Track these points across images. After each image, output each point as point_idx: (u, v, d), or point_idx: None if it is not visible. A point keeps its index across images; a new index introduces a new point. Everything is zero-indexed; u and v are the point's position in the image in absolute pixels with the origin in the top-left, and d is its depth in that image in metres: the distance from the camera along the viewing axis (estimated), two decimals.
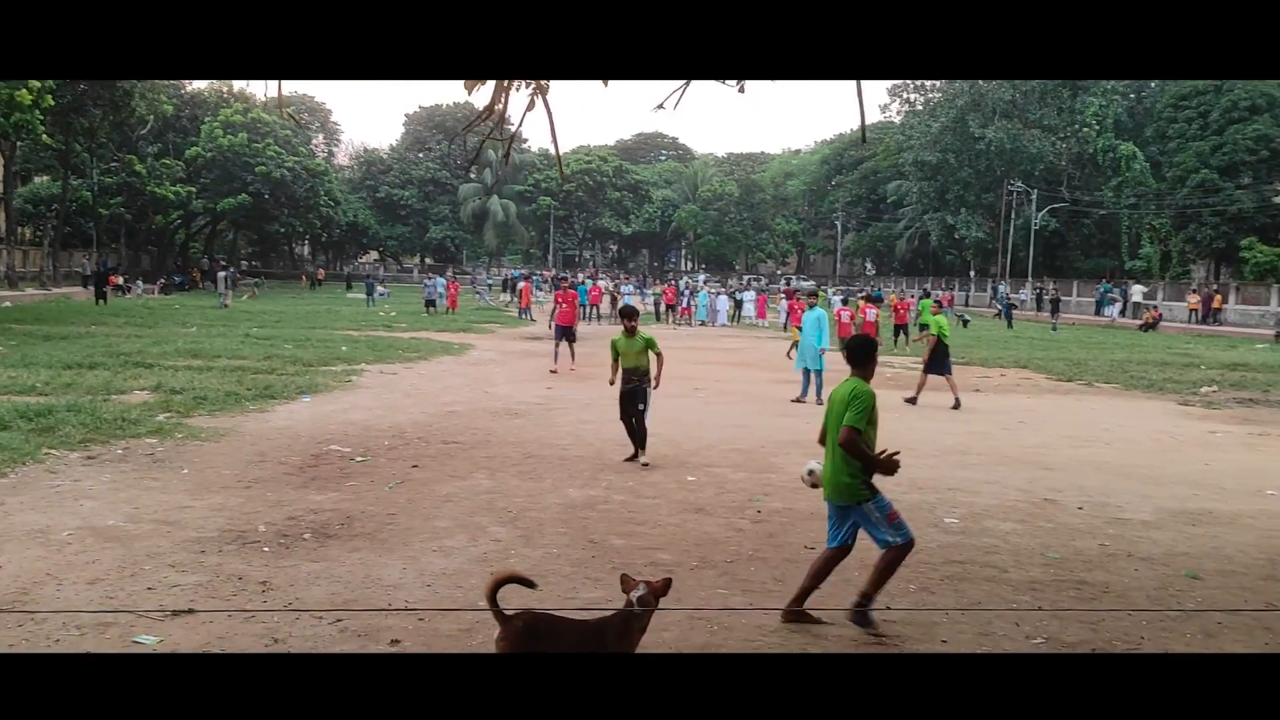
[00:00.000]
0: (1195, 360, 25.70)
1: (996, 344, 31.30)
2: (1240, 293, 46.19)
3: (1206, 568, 7.36)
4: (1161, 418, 15.71)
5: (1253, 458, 12.19)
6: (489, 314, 41.07)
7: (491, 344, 26.78)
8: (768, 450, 11.75)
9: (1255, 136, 46.80)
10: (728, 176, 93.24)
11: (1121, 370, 22.68)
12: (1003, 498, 9.51)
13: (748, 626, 5.82)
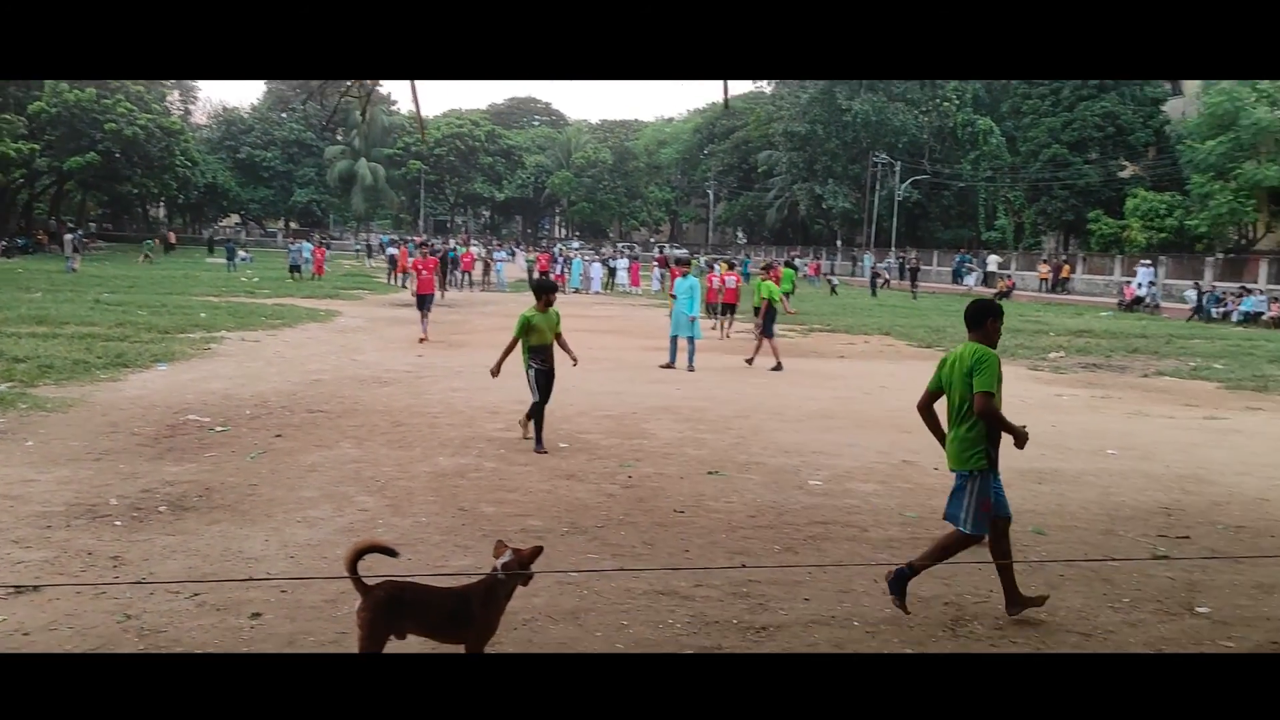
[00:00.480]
0: (1045, 327, 26.97)
1: (861, 312, 32.22)
2: (1087, 263, 48.59)
3: (1051, 523, 7.77)
4: (1013, 382, 16.34)
5: (1095, 419, 12.89)
6: (358, 280, 40.09)
7: (360, 311, 26.18)
8: (639, 416, 11.85)
9: (1102, 114, 49.11)
10: (601, 143, 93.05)
11: None
12: (864, 460, 9.83)
13: (616, 590, 5.88)
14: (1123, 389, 15.90)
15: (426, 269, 20.39)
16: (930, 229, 65.87)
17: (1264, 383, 16.72)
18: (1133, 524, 7.82)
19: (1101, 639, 5.44)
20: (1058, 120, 50.51)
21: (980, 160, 58.53)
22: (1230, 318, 33.16)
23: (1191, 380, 17.26)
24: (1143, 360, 20.02)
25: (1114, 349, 21.91)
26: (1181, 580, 6.45)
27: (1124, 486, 9.03)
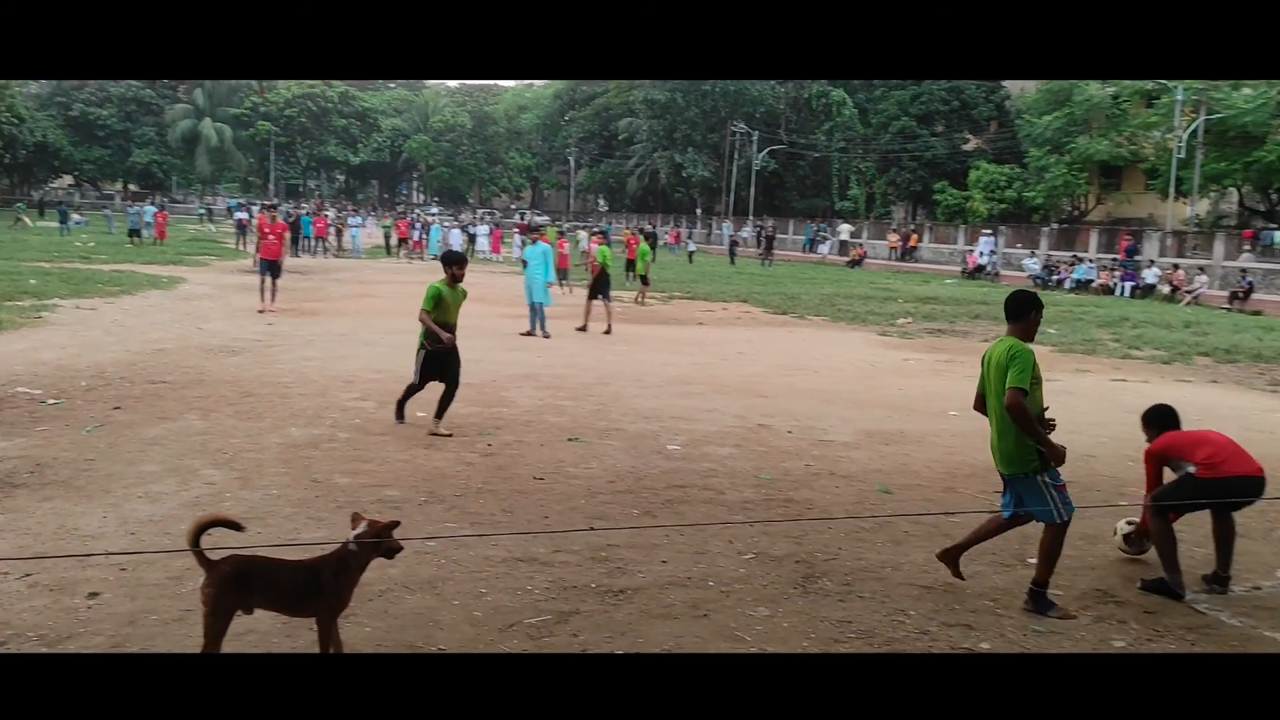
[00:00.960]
0: (894, 294, 27.97)
1: (720, 279, 32.71)
2: (933, 232, 50.52)
3: (897, 482, 8.09)
4: (863, 347, 17.02)
5: (939, 382, 13.46)
6: (203, 245, 38.39)
7: (206, 278, 25.10)
8: (499, 384, 11.77)
9: (948, 88, 50.96)
10: (460, 107, 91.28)
11: (830, 304, 24.34)
12: (721, 424, 10.02)
13: (475, 559, 5.86)
14: (965, 353, 16.62)
15: (274, 233, 19.36)
16: (786, 198, 67.27)
17: (1093, 346, 17.76)
18: (972, 481, 8.22)
19: (942, 591, 5.71)
20: (906, 94, 52.17)
21: (834, 131, 60.00)
22: (1064, 285, 35.03)
23: None
24: (984, 325, 20.95)
25: (958, 315, 22.88)
26: (1015, 534, 6.79)
27: (965, 446, 9.46)
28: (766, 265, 42.46)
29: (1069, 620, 5.35)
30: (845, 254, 49.27)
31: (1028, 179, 46.21)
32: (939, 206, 51.21)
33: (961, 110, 51.53)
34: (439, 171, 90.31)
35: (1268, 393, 13.60)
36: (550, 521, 6.67)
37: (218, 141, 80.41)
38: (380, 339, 15.22)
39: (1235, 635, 5.31)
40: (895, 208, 59.58)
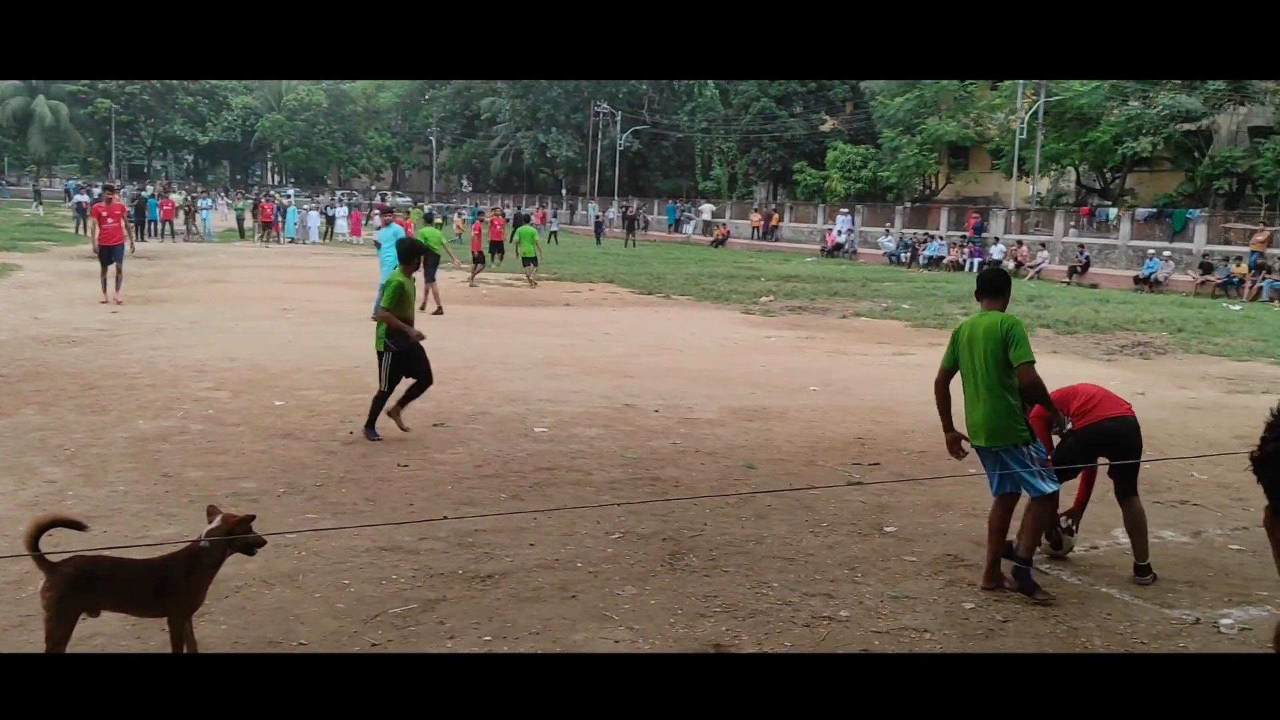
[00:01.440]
0: (756, 273, 28.49)
1: (586, 260, 32.73)
2: (793, 211, 51.64)
3: (760, 458, 8.27)
4: (727, 325, 17.30)
5: (800, 358, 13.79)
6: (39, 230, 36.23)
7: (43, 264, 23.72)
8: (361, 370, 11.46)
9: None
10: (315, 85, 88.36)
11: (694, 283, 24.65)
12: (588, 405, 10.04)
13: (338, 549, 5.72)
14: (824, 329, 17.09)
15: (112, 216, 17.84)
16: (651, 178, 67.65)
17: (944, 320, 18.47)
18: (831, 454, 8.46)
19: (803, 562, 5.87)
20: None
21: (696, 112, 60.57)
22: (917, 261, 36.32)
23: (883, 320, 18.81)
24: (842, 302, 21.57)
25: (817, 292, 23.47)
26: (872, 503, 7.07)
27: (824, 420, 9.73)
28: (631, 245, 42.67)
29: (1043, 604, 5.33)
30: (709, 234, 49.89)
31: (882, 159, 47.64)
32: (799, 186, 52.33)
33: (818, 92, 52.69)
34: (294, 152, 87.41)
35: (1104, 361, 14.40)
36: (415, 509, 6.57)
37: (53, 120, 75.93)
38: (235, 326, 14.69)
39: (1075, 593, 5.62)
40: (757, 187, 60.60)
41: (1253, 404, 11.24)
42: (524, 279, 23.79)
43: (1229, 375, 13.36)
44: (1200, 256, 29.68)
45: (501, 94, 70.69)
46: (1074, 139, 38.87)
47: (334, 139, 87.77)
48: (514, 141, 71.60)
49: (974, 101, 44.38)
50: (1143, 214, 35.13)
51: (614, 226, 52.71)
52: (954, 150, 48.33)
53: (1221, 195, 37.06)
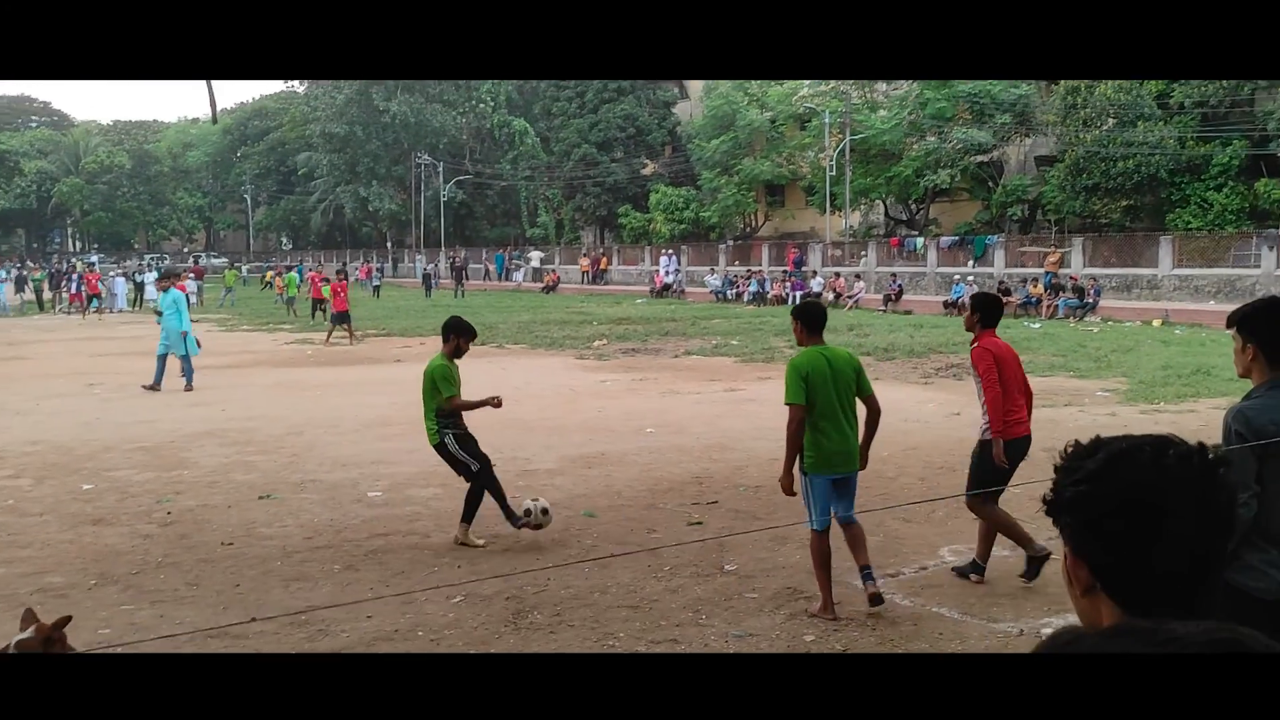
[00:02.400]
0: (588, 317, 28.66)
1: (416, 314, 32.17)
2: (621, 254, 52.30)
3: (601, 505, 8.26)
4: (562, 372, 17.30)
5: (635, 401, 13.91)
6: None
7: None
8: (178, 445, 10.93)
9: (623, 116, 53.02)
10: (117, 147, 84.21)
11: (528, 331, 24.58)
12: (423, 465, 9.77)
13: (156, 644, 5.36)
14: (658, 370, 17.30)
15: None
16: (477, 227, 67.32)
17: (771, 354, 19.01)
18: (671, 495, 8.53)
19: (648, 609, 5.87)
20: (585, 122, 53.75)
21: (519, 160, 60.77)
22: (743, 298, 37.31)
23: (714, 357, 19.19)
24: (673, 342, 21.91)
25: (649, 333, 23.78)
26: (713, 543, 7.14)
27: (662, 461, 9.82)
28: (461, 296, 42.27)
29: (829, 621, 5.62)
30: (539, 280, 49.97)
31: (703, 200, 48.91)
32: (624, 229, 53.09)
33: (638, 137, 53.73)
34: (96, 216, 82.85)
35: (921, 385, 15.10)
36: (242, 589, 6.25)
37: None
38: (35, 406, 13.75)
39: (908, 615, 5.82)
40: (584, 232, 61.13)
41: (1057, 417, 11.99)
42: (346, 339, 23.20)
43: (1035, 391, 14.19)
44: (1000, 280, 31.61)
45: (318, 149, 69.05)
46: (880, 174, 40.89)
47: (139, 201, 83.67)
48: (334, 196, 69.97)
49: (785, 141, 46.17)
50: (946, 242, 37.21)
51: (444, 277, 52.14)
52: (770, 188, 50.10)
53: (1015, 221, 39.66)
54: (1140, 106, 31.39)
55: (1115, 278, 30.46)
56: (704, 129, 48.68)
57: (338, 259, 60.22)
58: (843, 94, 41.30)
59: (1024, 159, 40.76)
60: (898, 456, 9.88)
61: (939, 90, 38.06)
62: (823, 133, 41.41)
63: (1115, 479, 1.27)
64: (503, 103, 62.70)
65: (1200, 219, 31.53)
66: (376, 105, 62.69)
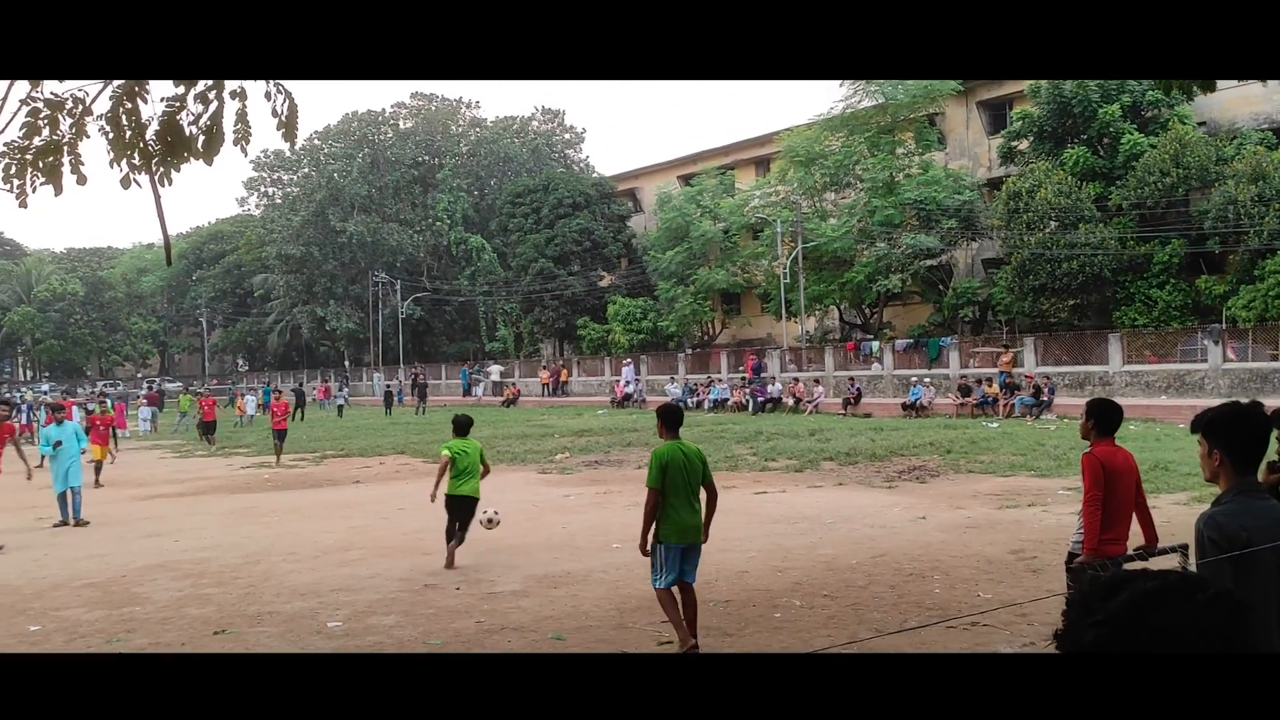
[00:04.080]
0: (550, 430, 28.52)
1: (375, 432, 31.88)
2: (581, 365, 52.46)
3: (569, 626, 8.07)
4: (525, 487, 17.12)
5: (601, 515, 13.76)
6: None
7: None
8: (130, 579, 10.59)
9: (579, 230, 53.83)
10: (69, 274, 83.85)
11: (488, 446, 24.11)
12: (385, 591, 9.58)
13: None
14: (621, 482, 17.17)
15: None
16: (436, 343, 67.39)
17: (734, 462, 18.98)
18: (640, 614, 8.36)
19: None
20: (541, 236, 54.50)
21: (476, 275, 61.28)
22: (703, 405, 37.43)
23: None
24: (637, 452, 21.80)
25: (611, 444, 23.68)
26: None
27: (630, 578, 9.65)
28: (422, 413, 42.02)
29: None
30: (500, 394, 49.86)
31: (660, 309, 49.43)
32: (584, 341, 53.36)
33: (594, 250, 54.48)
34: (48, 345, 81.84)
35: (886, 489, 15.11)
36: None
37: None
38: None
39: None
40: (543, 345, 61.36)
41: (1022, 518, 12.03)
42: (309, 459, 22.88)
43: (997, 491, 14.27)
44: (957, 380, 32.03)
45: (274, 270, 69.25)
46: (833, 280, 41.65)
47: (93, 328, 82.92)
48: (291, 317, 69.91)
49: (739, 251, 47.03)
50: (901, 344, 37.78)
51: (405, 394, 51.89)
52: (726, 297, 50.79)
53: (967, 322, 40.42)
54: (1080, 209, 32.41)
55: (1068, 375, 31.00)
56: (659, 241, 49.52)
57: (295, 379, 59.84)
58: (793, 204, 42.29)
59: (972, 262, 41.77)
60: (866, 564, 9.81)
61: (886, 198, 39.12)
62: (775, 241, 42.24)
63: (1141, 624, 1.19)
64: (459, 220, 63.53)
65: (1146, 316, 32.32)
66: (333, 226, 63.29)
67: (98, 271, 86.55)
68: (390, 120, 67.69)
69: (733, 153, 53.26)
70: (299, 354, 77.05)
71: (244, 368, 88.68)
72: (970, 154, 42.73)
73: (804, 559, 10.23)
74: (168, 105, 3.79)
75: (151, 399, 43.17)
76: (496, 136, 67.49)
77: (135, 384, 72.89)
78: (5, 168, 3.90)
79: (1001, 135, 38.61)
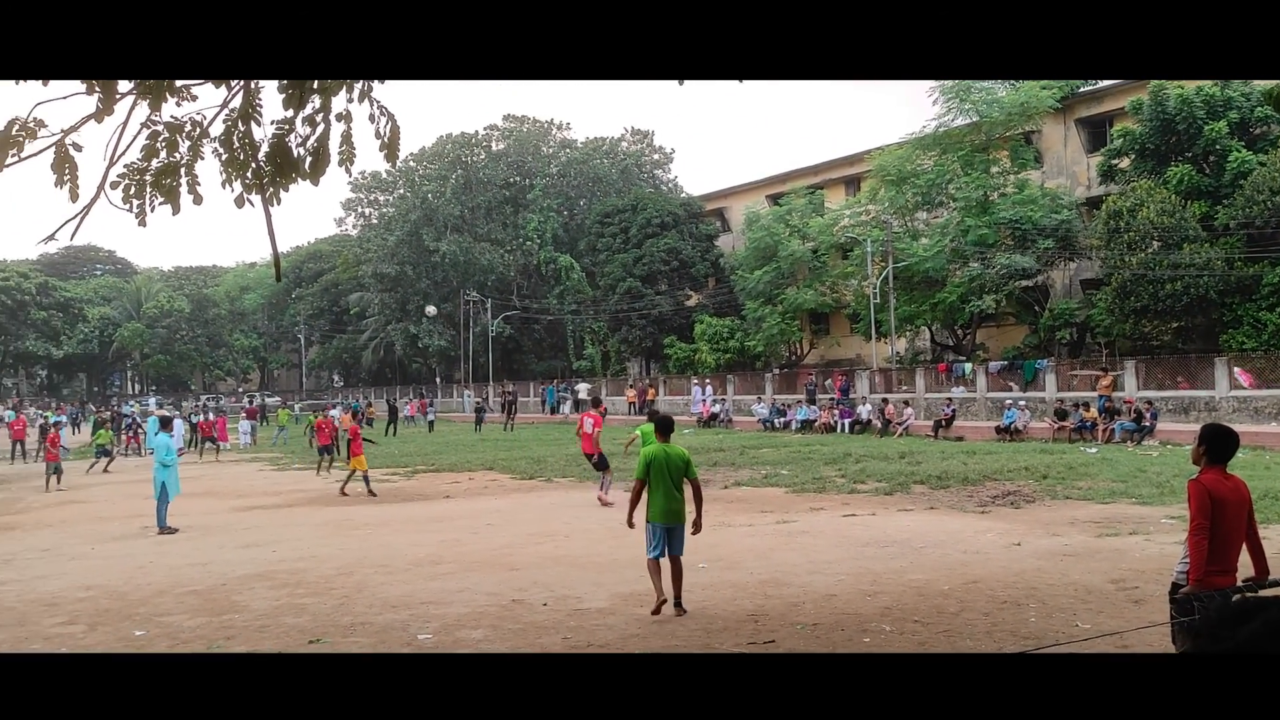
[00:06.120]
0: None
1: (465, 448, 32.34)
2: (668, 384, 52.51)
3: (655, 646, 8.06)
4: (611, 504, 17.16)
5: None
6: None
7: None
8: (230, 588, 10.91)
9: (666, 249, 54.05)
10: (176, 291, 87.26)
11: (576, 464, 24.50)
12: (474, 604, 9.69)
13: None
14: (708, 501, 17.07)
15: None
16: (525, 361, 68.20)
17: (822, 484, 18.76)
18: (726, 635, 8.31)
19: None
20: (629, 256, 54.84)
21: (565, 294, 61.89)
22: (790, 426, 37.11)
23: (764, 487, 18.98)
24: (722, 472, 21.73)
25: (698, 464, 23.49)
26: None
27: (715, 598, 9.62)
28: (510, 429, 42.52)
29: None
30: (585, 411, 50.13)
31: (747, 329, 49.26)
32: (670, 360, 53.44)
33: (681, 269, 54.61)
34: (156, 359, 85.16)
35: (978, 514, 14.77)
36: None
37: None
38: (91, 550, 13.87)
39: None
40: (630, 364, 61.65)
41: (1123, 546, 11.64)
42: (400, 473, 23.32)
43: (1096, 519, 13.84)
44: (1053, 404, 31.19)
45: (370, 288, 70.98)
46: (924, 300, 41.01)
47: (197, 343, 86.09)
48: (385, 334, 71.52)
49: (828, 270, 46.64)
50: (995, 366, 36.94)
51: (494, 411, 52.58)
52: (815, 317, 50.39)
53: (1064, 344, 39.38)
54: (1184, 229, 31.37)
55: (1171, 400, 29.93)
56: (746, 260, 49.40)
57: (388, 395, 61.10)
58: (884, 223, 41.81)
59: (1069, 283, 40.73)
60: (959, 590, 9.60)
61: (980, 218, 38.42)
62: (865, 261, 41.80)
63: (1273, 653, 1.15)
64: (549, 239, 64.28)
65: (1254, 339, 31.08)
66: (427, 245, 64.62)
67: (203, 289, 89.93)
68: (483, 142, 68.90)
69: (822, 172, 52.94)
70: (392, 370, 78.69)
71: (339, 383, 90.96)
72: (1068, 172, 41.75)
73: (894, 583, 10.05)
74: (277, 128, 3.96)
75: (251, 413, 44.49)
76: (586, 157, 68.19)
77: (236, 398, 75.31)
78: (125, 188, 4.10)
79: (1101, 153, 37.65)
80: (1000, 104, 38.08)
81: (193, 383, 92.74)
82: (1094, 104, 40.62)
